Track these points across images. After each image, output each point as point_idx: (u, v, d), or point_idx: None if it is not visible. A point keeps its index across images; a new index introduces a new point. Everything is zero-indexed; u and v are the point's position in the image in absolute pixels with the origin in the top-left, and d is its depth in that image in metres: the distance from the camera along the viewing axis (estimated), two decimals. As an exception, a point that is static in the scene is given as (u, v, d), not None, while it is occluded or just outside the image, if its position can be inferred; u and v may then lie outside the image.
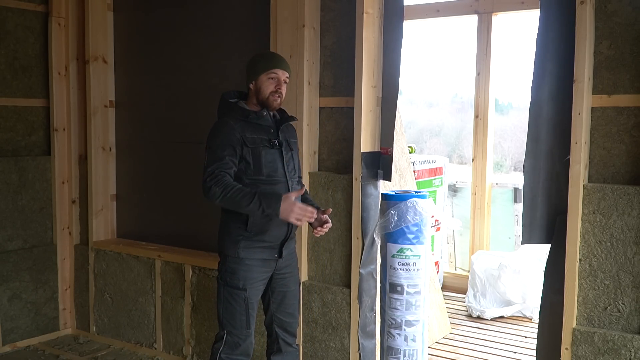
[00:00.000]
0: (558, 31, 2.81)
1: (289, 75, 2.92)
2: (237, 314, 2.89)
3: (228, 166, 2.76)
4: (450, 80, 25.24)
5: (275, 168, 2.86)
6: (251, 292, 2.89)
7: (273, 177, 2.85)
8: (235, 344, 2.92)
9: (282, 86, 2.87)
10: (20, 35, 4.32)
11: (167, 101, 4.23)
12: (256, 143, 2.82)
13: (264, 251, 2.88)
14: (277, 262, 2.94)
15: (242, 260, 2.86)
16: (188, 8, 4.08)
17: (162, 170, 4.31)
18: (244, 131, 2.81)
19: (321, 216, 2.90)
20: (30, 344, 4.38)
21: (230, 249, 2.88)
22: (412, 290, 3.11)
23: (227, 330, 2.92)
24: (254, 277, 2.89)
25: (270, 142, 2.84)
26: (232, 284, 2.88)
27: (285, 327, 3.05)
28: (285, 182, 2.88)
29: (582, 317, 2.79)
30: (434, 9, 5.57)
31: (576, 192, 2.73)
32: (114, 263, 4.34)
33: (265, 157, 2.83)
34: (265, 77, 2.84)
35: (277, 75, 2.85)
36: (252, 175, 2.82)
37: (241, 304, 2.88)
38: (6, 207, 4.27)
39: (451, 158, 14.86)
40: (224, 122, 2.84)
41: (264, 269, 2.92)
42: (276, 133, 2.89)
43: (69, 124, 4.47)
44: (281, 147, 2.88)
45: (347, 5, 3.36)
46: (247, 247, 2.86)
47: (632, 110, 2.68)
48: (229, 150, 2.78)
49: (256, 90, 2.87)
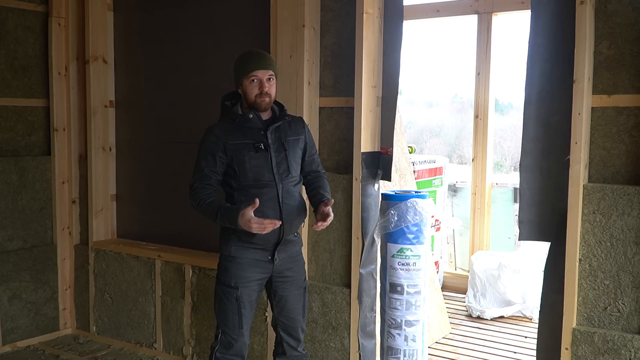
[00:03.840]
0: (549, 31, 2.83)
1: (273, 72, 2.86)
2: (229, 313, 2.89)
3: (207, 178, 2.84)
4: (450, 80, 25.22)
5: (261, 172, 2.83)
6: (243, 291, 2.87)
7: (260, 181, 2.83)
8: (228, 343, 2.92)
9: (265, 86, 2.82)
10: (20, 35, 4.32)
11: (167, 101, 4.23)
12: (239, 149, 2.82)
13: (255, 252, 2.88)
14: (273, 265, 2.92)
15: (234, 258, 2.88)
16: (188, 8, 4.08)
17: (162, 170, 4.31)
18: (227, 138, 2.83)
19: (323, 208, 2.85)
20: (30, 344, 4.38)
21: (224, 247, 2.92)
22: (412, 290, 3.11)
23: (221, 329, 2.93)
24: (246, 276, 2.88)
25: (254, 146, 2.83)
26: (225, 281, 2.90)
27: (289, 331, 3.03)
28: (273, 185, 2.84)
29: (582, 317, 2.79)
30: (434, 9, 5.57)
31: (576, 192, 2.73)
32: (114, 263, 4.34)
33: (250, 162, 2.82)
34: (247, 82, 2.83)
35: (258, 76, 2.81)
36: (239, 181, 2.84)
37: (233, 302, 2.87)
38: (6, 207, 4.27)
39: (451, 158, 14.86)
40: (210, 130, 2.89)
41: (257, 269, 2.90)
42: (265, 135, 2.85)
43: (69, 124, 4.47)
44: (268, 149, 2.84)
45: (347, 5, 3.36)
46: (239, 246, 2.87)
47: (632, 110, 2.68)
48: (210, 160, 2.84)
49: (243, 94, 2.87)
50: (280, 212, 2.83)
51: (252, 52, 2.92)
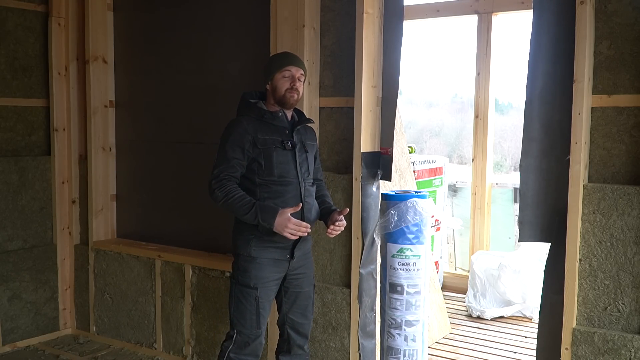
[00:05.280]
0: (551, 31, 2.82)
1: (303, 73, 2.94)
2: (247, 313, 2.89)
3: (234, 169, 2.80)
4: (450, 80, 25.24)
5: (287, 169, 2.87)
6: (262, 291, 2.89)
7: (285, 178, 2.86)
8: (244, 343, 2.92)
9: (297, 83, 2.89)
10: (20, 35, 4.32)
11: (167, 101, 4.23)
12: (268, 144, 2.84)
13: (275, 251, 2.89)
14: (289, 263, 2.94)
15: (254, 259, 2.87)
16: (188, 8, 4.08)
17: (162, 170, 4.31)
18: (256, 132, 2.84)
19: (336, 216, 2.93)
20: (30, 344, 4.38)
21: (242, 247, 2.90)
22: (412, 290, 3.11)
23: (237, 329, 2.92)
24: (265, 276, 2.89)
25: (282, 143, 2.86)
26: (244, 282, 2.89)
27: (297, 329, 3.06)
28: (297, 183, 2.89)
29: (582, 317, 2.79)
30: (434, 9, 5.57)
31: (576, 192, 2.73)
32: (114, 263, 4.34)
33: (277, 158, 2.84)
34: (279, 76, 2.88)
35: (291, 72, 2.88)
36: (263, 176, 2.84)
37: (252, 303, 2.88)
38: (6, 207, 4.27)
39: (451, 158, 14.85)
40: (238, 121, 2.88)
41: (276, 268, 2.92)
42: (291, 134, 2.90)
43: (69, 124, 4.47)
44: (294, 148, 2.89)
45: (347, 5, 3.36)
46: (259, 246, 2.86)
47: (632, 110, 2.68)
48: (238, 151, 2.81)
49: (272, 89, 2.90)
50: (302, 210, 2.87)
51: (287, 52, 3.07)
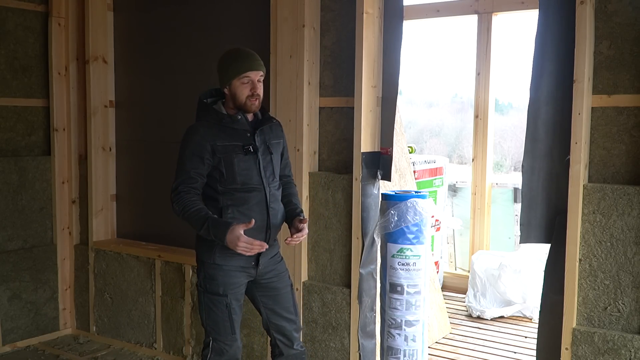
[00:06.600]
0: (557, 31, 2.81)
1: (263, 73, 2.77)
2: (220, 320, 2.81)
3: (193, 180, 2.70)
4: (450, 80, 25.22)
5: (250, 175, 2.74)
6: (232, 297, 2.81)
7: (248, 185, 2.75)
8: (221, 350, 2.85)
9: (257, 88, 2.73)
10: (20, 35, 4.32)
11: (167, 101, 4.23)
12: (228, 151, 2.71)
13: (240, 259, 2.77)
14: (257, 269, 2.85)
15: (220, 266, 2.78)
16: (188, 8, 4.08)
17: (162, 170, 4.30)
18: (215, 139, 2.71)
19: (297, 224, 2.82)
20: (30, 344, 4.38)
21: (206, 255, 2.80)
22: (412, 290, 3.11)
23: (212, 337, 2.84)
24: (233, 282, 2.81)
25: (244, 148, 2.73)
26: (212, 290, 2.80)
27: (283, 332, 2.96)
28: (262, 189, 2.77)
29: (582, 317, 2.79)
30: (434, 9, 5.57)
31: (576, 192, 2.73)
32: (114, 263, 4.34)
33: (239, 165, 2.72)
34: (238, 82, 2.72)
35: (250, 77, 2.72)
36: (226, 184, 2.73)
37: (223, 310, 2.80)
38: (6, 207, 4.27)
39: (451, 158, 14.85)
40: (195, 129, 2.74)
41: (243, 274, 2.83)
42: (252, 137, 2.77)
43: (69, 124, 4.47)
44: (257, 152, 2.76)
45: (347, 5, 3.36)
46: (223, 254, 2.74)
47: (632, 110, 2.68)
48: (196, 161, 2.70)
49: (232, 95, 2.75)
50: (268, 216, 2.78)
51: (242, 50, 2.80)
